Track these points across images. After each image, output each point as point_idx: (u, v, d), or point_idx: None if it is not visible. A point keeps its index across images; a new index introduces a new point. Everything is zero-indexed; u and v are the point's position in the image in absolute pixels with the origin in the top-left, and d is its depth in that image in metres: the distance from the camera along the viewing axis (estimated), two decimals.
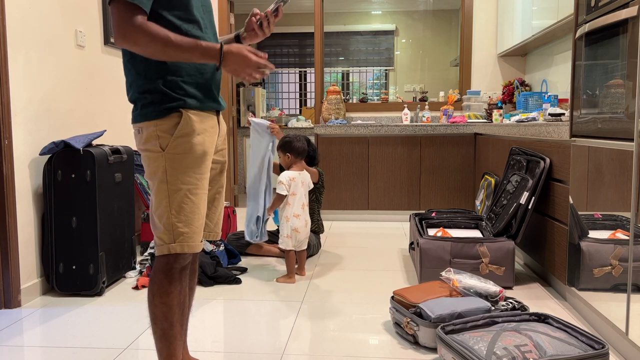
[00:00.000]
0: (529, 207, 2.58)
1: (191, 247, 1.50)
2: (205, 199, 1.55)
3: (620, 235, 1.88)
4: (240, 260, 3.21)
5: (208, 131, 1.54)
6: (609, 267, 1.95)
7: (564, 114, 2.75)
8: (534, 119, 3.19)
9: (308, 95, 7.87)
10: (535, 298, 2.52)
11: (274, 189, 2.94)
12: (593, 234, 2.11)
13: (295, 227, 2.84)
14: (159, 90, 1.45)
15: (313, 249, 3.31)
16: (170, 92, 1.46)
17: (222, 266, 2.89)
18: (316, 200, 3.34)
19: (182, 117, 1.46)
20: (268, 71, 1.47)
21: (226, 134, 1.81)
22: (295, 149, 2.97)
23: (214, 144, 1.58)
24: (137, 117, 1.49)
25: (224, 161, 1.71)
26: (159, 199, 1.48)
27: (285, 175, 2.88)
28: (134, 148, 3.35)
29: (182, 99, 1.47)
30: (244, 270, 3.00)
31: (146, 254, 3.10)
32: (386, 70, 7.34)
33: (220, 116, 1.64)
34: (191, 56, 1.40)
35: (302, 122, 6.72)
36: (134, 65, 1.47)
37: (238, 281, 2.81)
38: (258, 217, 3.07)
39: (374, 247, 3.58)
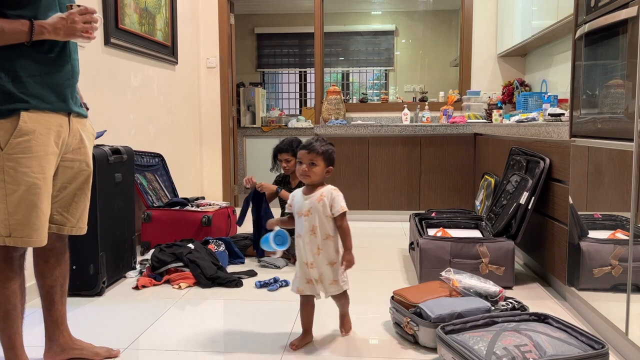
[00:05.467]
0: (529, 207, 2.58)
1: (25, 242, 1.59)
2: (47, 196, 1.61)
3: (620, 235, 1.88)
4: (243, 261, 3.21)
5: (53, 131, 1.61)
6: (609, 267, 1.95)
7: (563, 114, 2.75)
8: (533, 119, 3.19)
9: (308, 95, 7.87)
10: (535, 298, 2.52)
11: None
12: (593, 234, 2.11)
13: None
14: (1, 90, 1.53)
15: None
16: (12, 93, 1.53)
17: (222, 268, 2.88)
18: None
19: (20, 119, 1.53)
20: (95, 24, 1.61)
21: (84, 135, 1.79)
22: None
23: (60, 144, 1.65)
24: None
25: (82, 160, 1.75)
26: None
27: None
28: (134, 148, 3.35)
29: (24, 101, 1.54)
30: (253, 274, 2.93)
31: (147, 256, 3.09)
32: (386, 70, 7.35)
33: (73, 117, 1.71)
34: (17, 37, 1.50)
35: (302, 123, 6.72)
36: None
37: (239, 284, 2.75)
38: None
39: (374, 247, 3.58)
